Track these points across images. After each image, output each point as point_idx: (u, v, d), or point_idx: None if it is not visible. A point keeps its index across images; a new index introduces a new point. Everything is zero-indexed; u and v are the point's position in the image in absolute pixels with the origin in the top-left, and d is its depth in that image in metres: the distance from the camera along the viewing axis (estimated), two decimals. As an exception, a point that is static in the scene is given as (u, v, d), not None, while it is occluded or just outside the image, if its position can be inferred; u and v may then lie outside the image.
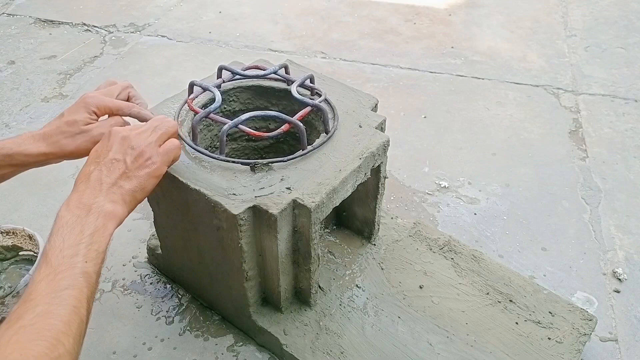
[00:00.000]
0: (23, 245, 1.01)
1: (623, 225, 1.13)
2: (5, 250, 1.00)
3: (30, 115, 1.43)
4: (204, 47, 1.75)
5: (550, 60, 1.69)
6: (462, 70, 1.63)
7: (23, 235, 1.00)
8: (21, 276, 0.98)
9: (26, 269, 1.00)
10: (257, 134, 0.78)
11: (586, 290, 1.00)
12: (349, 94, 0.93)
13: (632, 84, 1.58)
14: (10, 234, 1.00)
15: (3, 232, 1.00)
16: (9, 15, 1.92)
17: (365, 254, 0.97)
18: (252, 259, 0.80)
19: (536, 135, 1.38)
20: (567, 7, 2.00)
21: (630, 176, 1.26)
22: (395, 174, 1.25)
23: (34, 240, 0.98)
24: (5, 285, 0.97)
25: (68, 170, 1.24)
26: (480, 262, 0.96)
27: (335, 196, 0.77)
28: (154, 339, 0.90)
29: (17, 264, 1.01)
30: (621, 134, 1.39)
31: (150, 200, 0.87)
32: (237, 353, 0.88)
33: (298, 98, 0.84)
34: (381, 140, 0.83)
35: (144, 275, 1.01)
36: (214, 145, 0.95)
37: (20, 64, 1.64)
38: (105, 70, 1.62)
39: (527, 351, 0.83)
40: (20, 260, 1.01)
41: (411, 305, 0.90)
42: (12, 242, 1.00)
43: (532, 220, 1.14)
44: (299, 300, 0.89)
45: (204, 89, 0.86)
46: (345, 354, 0.83)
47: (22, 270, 1.00)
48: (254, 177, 0.76)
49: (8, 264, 1.00)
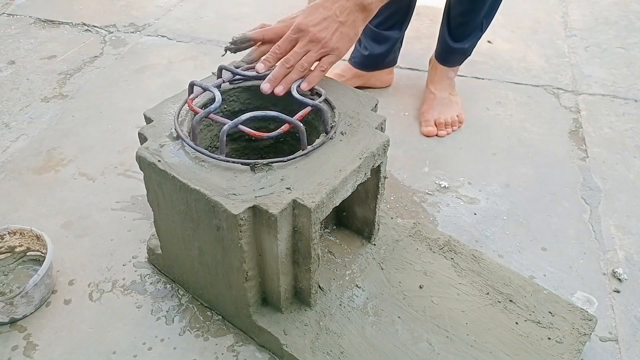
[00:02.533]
0: (31, 246, 1.01)
1: (623, 225, 1.13)
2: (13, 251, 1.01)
3: (30, 115, 1.43)
4: (204, 47, 1.75)
5: (550, 60, 1.69)
6: (462, 70, 1.63)
7: (31, 236, 1.00)
8: (29, 276, 0.98)
9: (34, 269, 1.00)
10: (257, 134, 0.78)
11: (586, 290, 1.00)
12: (349, 94, 0.93)
13: (632, 84, 1.58)
14: (17, 234, 1.00)
15: (11, 232, 1.00)
16: (9, 15, 1.92)
17: (365, 254, 0.97)
18: (252, 259, 0.80)
19: (536, 135, 1.38)
20: (567, 7, 2.00)
21: (630, 176, 1.26)
22: (395, 174, 1.25)
23: (41, 240, 0.98)
24: (14, 286, 0.97)
25: (68, 170, 1.24)
26: (480, 262, 0.96)
27: (335, 196, 0.77)
28: (154, 339, 0.90)
29: (25, 264, 1.01)
30: (621, 134, 1.39)
31: (150, 200, 0.87)
32: (237, 353, 0.88)
33: (298, 98, 0.84)
34: (381, 140, 0.83)
35: (144, 275, 1.01)
36: (214, 145, 0.95)
37: (20, 64, 1.64)
38: (105, 70, 1.62)
39: (527, 351, 0.83)
40: (28, 261, 1.02)
41: (411, 305, 0.90)
42: (20, 242, 1.01)
43: (532, 220, 1.14)
44: (299, 300, 0.89)
45: (204, 89, 0.86)
46: (345, 354, 0.83)
47: (30, 270, 1.00)
48: (254, 177, 0.76)
49: (16, 264, 1.01)
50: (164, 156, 0.79)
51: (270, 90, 0.85)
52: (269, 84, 0.85)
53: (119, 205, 1.16)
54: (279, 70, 0.85)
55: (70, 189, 1.20)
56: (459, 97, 1.42)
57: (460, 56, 1.37)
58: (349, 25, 0.85)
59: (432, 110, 1.36)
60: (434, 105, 1.37)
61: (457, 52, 1.35)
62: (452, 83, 1.42)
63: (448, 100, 1.38)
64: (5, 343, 0.90)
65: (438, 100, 1.37)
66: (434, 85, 1.40)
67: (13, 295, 0.88)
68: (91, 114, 1.43)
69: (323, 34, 0.83)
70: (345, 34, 0.85)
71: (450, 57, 1.37)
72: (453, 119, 1.36)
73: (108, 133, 1.36)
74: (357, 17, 0.85)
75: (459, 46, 1.33)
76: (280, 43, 0.86)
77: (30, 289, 0.90)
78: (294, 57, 0.85)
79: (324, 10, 0.84)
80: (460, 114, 1.38)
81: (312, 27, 0.83)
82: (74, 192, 1.19)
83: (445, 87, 1.40)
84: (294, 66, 0.85)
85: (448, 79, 1.40)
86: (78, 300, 0.97)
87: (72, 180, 1.22)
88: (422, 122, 1.37)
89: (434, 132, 1.34)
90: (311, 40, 0.84)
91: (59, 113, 1.43)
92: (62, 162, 1.27)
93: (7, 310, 0.90)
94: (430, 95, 1.40)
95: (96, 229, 1.10)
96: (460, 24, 1.29)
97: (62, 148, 1.31)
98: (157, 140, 0.83)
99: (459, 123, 1.37)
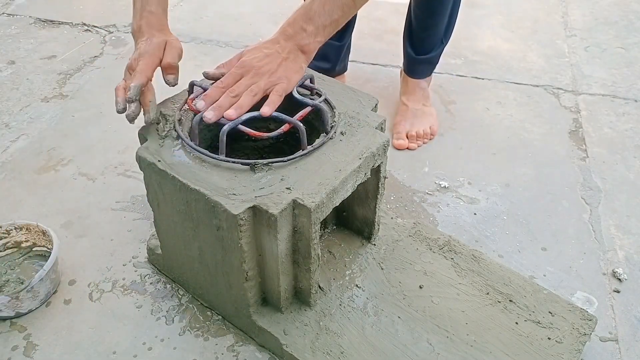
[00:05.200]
0: (37, 241, 1.02)
1: (623, 225, 1.13)
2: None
3: (30, 115, 1.43)
4: (204, 47, 1.75)
5: (550, 60, 1.69)
6: (462, 70, 1.63)
7: (37, 231, 1.01)
8: (35, 271, 0.99)
9: (40, 264, 1.01)
10: (257, 134, 0.78)
11: (586, 290, 1.00)
12: (349, 94, 0.93)
13: (632, 84, 1.58)
14: (24, 229, 1.01)
15: (17, 228, 1.01)
16: (9, 15, 1.92)
17: (365, 254, 0.97)
18: (252, 259, 0.80)
19: (536, 135, 1.38)
20: (567, 7, 2.00)
21: (630, 176, 1.26)
22: (395, 174, 1.25)
23: (47, 236, 0.99)
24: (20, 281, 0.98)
25: (68, 170, 1.24)
26: (480, 262, 0.96)
27: (335, 196, 0.77)
28: (154, 339, 0.90)
29: (31, 259, 1.02)
30: (621, 134, 1.39)
31: (150, 200, 0.87)
32: (237, 353, 0.88)
33: (298, 98, 0.84)
34: (381, 140, 0.83)
35: (144, 275, 1.01)
36: (214, 145, 0.95)
37: (20, 64, 1.64)
38: (105, 70, 1.62)
39: (527, 351, 0.83)
40: (34, 256, 1.03)
41: (411, 305, 0.90)
42: (26, 238, 1.02)
43: (532, 220, 1.14)
44: (299, 300, 0.89)
45: (204, 89, 0.86)
46: (345, 354, 0.83)
47: (36, 265, 1.01)
48: (254, 177, 0.76)
49: (22, 259, 1.02)
50: (164, 156, 0.79)
51: (216, 119, 0.78)
52: (213, 112, 0.78)
53: (119, 205, 1.16)
54: (224, 100, 0.80)
55: (70, 189, 1.20)
56: (433, 108, 1.40)
57: (426, 66, 1.37)
58: (292, 60, 0.84)
59: (405, 122, 1.35)
60: (407, 117, 1.35)
61: (423, 63, 1.35)
62: (425, 94, 1.40)
63: (421, 112, 1.36)
64: (5, 343, 0.90)
65: (411, 112, 1.36)
66: (407, 96, 1.39)
67: (19, 290, 0.89)
68: (91, 114, 1.43)
69: (268, 67, 0.82)
70: (290, 67, 0.83)
71: (417, 68, 1.37)
72: (425, 131, 1.34)
73: (108, 133, 1.36)
74: (297, 56, 0.84)
75: (424, 57, 1.33)
76: (224, 79, 0.82)
77: (36, 284, 0.91)
78: (239, 88, 0.80)
79: (265, 50, 0.83)
80: (433, 125, 1.36)
81: (256, 63, 0.81)
82: (74, 192, 1.19)
83: (418, 98, 1.38)
84: (239, 96, 0.80)
85: (420, 89, 1.39)
86: (78, 300, 0.97)
87: (72, 180, 1.22)
88: (394, 134, 1.35)
89: (405, 145, 1.32)
90: (257, 73, 0.81)
91: (59, 113, 1.43)
92: (62, 162, 1.27)
93: (13, 305, 0.90)
94: (402, 107, 1.39)
95: (96, 229, 1.10)
96: (423, 39, 1.30)
97: (62, 148, 1.31)
98: (157, 140, 0.83)
99: (431, 135, 1.35)
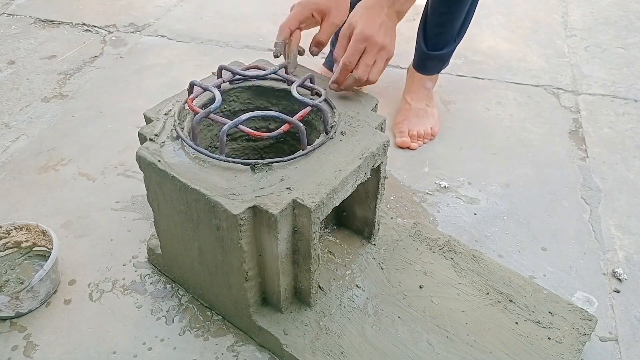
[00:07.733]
0: (37, 241, 1.02)
1: (623, 225, 1.13)
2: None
3: (30, 115, 1.43)
4: (204, 47, 1.75)
5: (550, 60, 1.69)
6: (462, 70, 1.63)
7: (37, 231, 1.01)
8: (35, 271, 0.99)
9: (40, 264, 1.01)
10: (257, 134, 0.78)
11: (586, 290, 1.00)
12: (349, 94, 0.93)
13: (632, 84, 1.58)
14: (24, 229, 1.01)
15: (17, 228, 1.01)
16: (9, 15, 1.92)
17: (365, 254, 0.97)
18: (252, 259, 0.80)
19: (536, 135, 1.38)
20: (567, 7, 2.00)
21: (630, 176, 1.26)
22: (395, 174, 1.25)
23: (47, 236, 0.99)
24: (20, 281, 0.98)
25: (68, 170, 1.24)
26: (480, 262, 0.96)
27: (335, 196, 0.77)
28: (154, 339, 0.90)
29: (31, 259, 1.02)
30: (621, 134, 1.39)
31: (150, 200, 0.87)
32: (237, 353, 0.88)
33: (298, 98, 0.84)
34: (381, 140, 0.83)
35: (144, 275, 1.01)
36: (214, 145, 0.95)
37: (20, 64, 1.64)
38: (105, 70, 1.62)
39: (527, 351, 0.83)
40: (34, 256, 1.03)
41: (411, 305, 0.90)
42: (26, 238, 1.02)
43: (532, 220, 1.14)
44: (299, 300, 0.89)
45: (204, 89, 0.86)
46: (345, 354, 0.83)
47: (36, 265, 1.01)
48: (254, 177, 0.76)
49: (22, 259, 1.02)
50: (164, 156, 0.79)
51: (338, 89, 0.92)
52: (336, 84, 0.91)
53: (119, 205, 1.16)
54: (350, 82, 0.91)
55: (70, 189, 1.20)
56: (435, 110, 1.40)
57: (437, 63, 1.36)
58: (393, 29, 0.92)
59: (407, 121, 1.35)
60: (409, 116, 1.36)
61: (434, 59, 1.34)
62: (429, 94, 1.40)
63: (423, 112, 1.37)
64: (5, 343, 0.90)
65: (413, 111, 1.36)
66: (410, 95, 1.39)
67: (19, 290, 0.89)
68: (91, 114, 1.43)
69: (386, 40, 0.89)
70: (394, 37, 0.92)
71: (428, 64, 1.36)
72: (426, 132, 1.34)
73: (108, 133, 1.36)
74: (395, 23, 0.92)
75: (436, 53, 1.33)
76: (350, 57, 0.89)
77: (36, 284, 0.91)
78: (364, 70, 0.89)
79: (376, 17, 0.89)
80: (434, 126, 1.36)
81: (376, 36, 0.88)
82: (74, 192, 1.19)
83: (421, 97, 1.38)
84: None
85: (425, 89, 1.39)
86: (78, 300, 0.97)
87: (72, 180, 1.22)
88: (396, 133, 1.35)
89: (408, 144, 1.33)
90: (381, 48, 0.89)
91: (59, 113, 1.43)
92: (62, 162, 1.27)
93: (13, 305, 0.90)
94: (405, 106, 1.39)
95: (96, 229, 1.10)
96: (437, 34, 1.30)
97: (62, 148, 1.31)
98: (157, 140, 0.83)
99: (431, 136, 1.35)
